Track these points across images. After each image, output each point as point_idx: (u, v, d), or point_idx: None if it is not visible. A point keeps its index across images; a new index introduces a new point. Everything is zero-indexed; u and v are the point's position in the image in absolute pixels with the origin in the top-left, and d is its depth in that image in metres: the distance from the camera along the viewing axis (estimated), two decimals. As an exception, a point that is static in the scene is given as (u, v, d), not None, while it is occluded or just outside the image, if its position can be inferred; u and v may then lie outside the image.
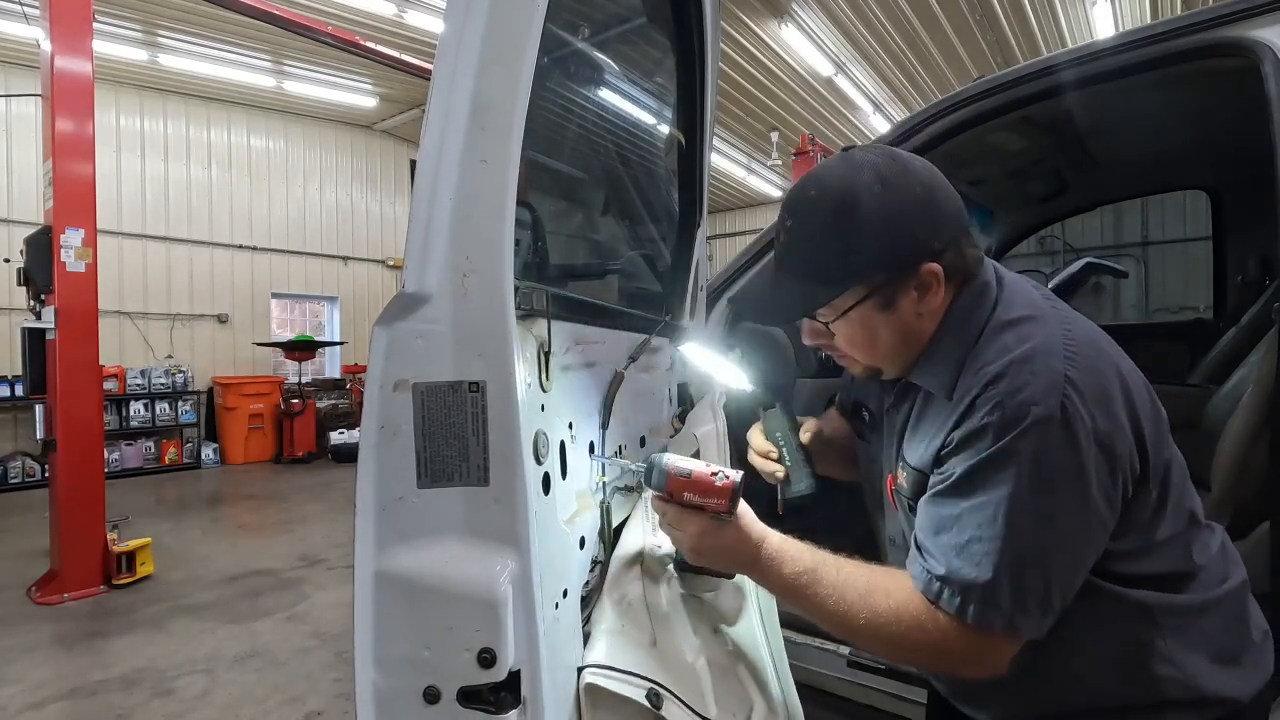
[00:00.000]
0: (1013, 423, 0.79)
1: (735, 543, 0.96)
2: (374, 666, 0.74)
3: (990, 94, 1.77)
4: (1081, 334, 0.86)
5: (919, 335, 0.94)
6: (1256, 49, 1.38)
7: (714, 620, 1.06)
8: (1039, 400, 0.79)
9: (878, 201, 0.86)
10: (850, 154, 0.93)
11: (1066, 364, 0.81)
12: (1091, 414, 0.79)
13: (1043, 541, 0.80)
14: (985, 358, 0.85)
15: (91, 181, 4.28)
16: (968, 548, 0.82)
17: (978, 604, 0.80)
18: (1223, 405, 2.05)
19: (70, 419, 4.17)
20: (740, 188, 13.05)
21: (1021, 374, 0.81)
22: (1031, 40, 7.61)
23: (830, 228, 0.89)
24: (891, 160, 0.90)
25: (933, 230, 0.88)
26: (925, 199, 0.88)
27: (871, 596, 0.88)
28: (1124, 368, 0.87)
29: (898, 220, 0.87)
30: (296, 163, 10.29)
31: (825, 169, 0.93)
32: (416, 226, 0.75)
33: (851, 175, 0.89)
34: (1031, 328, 0.86)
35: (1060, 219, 3.75)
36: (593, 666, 0.87)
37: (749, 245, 2.04)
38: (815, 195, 0.91)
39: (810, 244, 0.91)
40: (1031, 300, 0.91)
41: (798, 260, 0.93)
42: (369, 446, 0.75)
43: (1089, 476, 0.79)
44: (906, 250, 0.88)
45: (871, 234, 0.87)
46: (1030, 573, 0.80)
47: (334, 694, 2.88)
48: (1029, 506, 0.79)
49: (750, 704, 0.95)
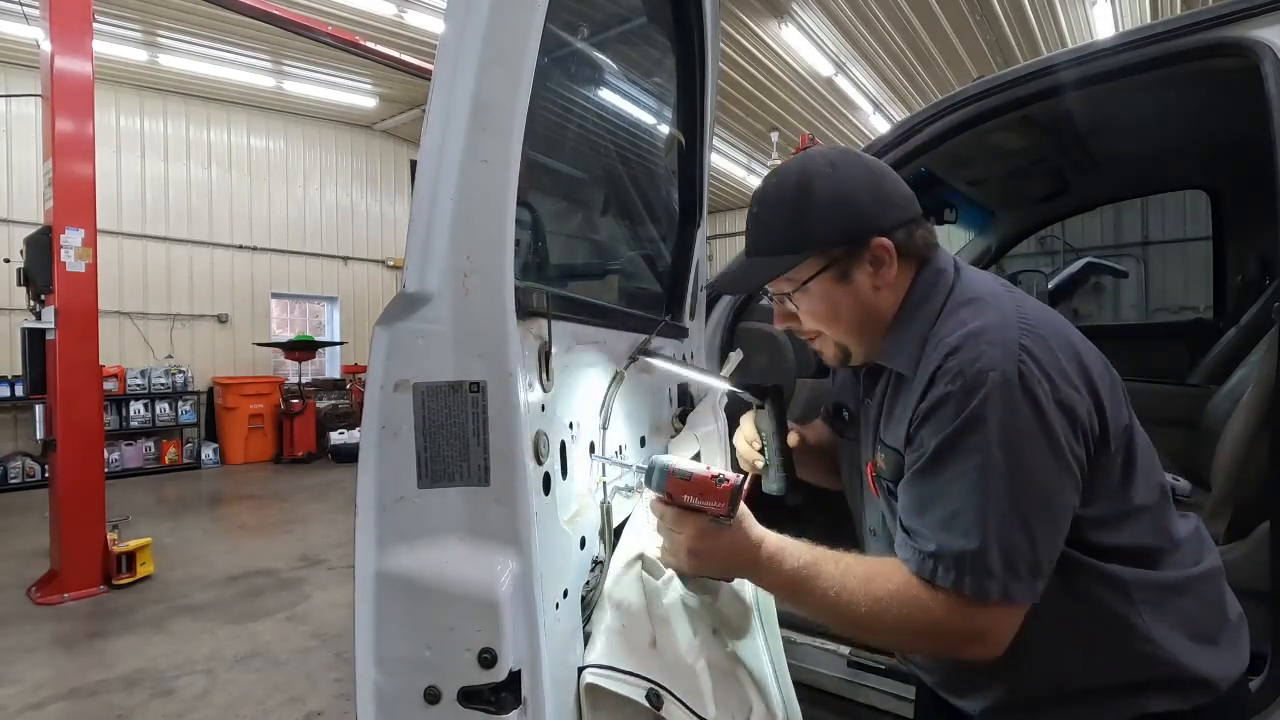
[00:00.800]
0: (973, 389, 0.83)
1: (734, 546, 0.96)
2: (374, 666, 0.74)
3: (990, 94, 1.77)
4: (1034, 310, 0.92)
5: (878, 311, 1.00)
6: (1256, 49, 1.38)
7: (713, 621, 1.07)
8: (996, 366, 0.83)
9: (828, 179, 0.96)
10: (807, 151, 1.04)
11: (1021, 333, 0.86)
12: (1048, 375, 0.83)
13: (1021, 500, 0.82)
14: (944, 332, 0.91)
15: (91, 181, 4.28)
16: (952, 520, 0.84)
17: (972, 575, 0.82)
18: (1223, 405, 2.05)
19: (70, 419, 4.17)
20: (740, 188, 13.05)
21: (978, 344, 0.86)
22: (1031, 40, 7.61)
23: (786, 205, 0.98)
24: (844, 152, 1.01)
25: (882, 208, 0.96)
26: (873, 181, 0.97)
27: (872, 584, 0.88)
28: (1075, 339, 0.92)
29: (847, 196, 0.96)
30: (296, 163, 10.29)
31: (785, 163, 1.05)
32: (417, 226, 0.75)
33: (805, 161, 1.00)
34: (985, 305, 0.92)
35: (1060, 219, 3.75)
36: (593, 667, 0.87)
37: (749, 245, 2.04)
38: (775, 181, 1.01)
39: (770, 223, 1.01)
40: (987, 284, 0.97)
41: (762, 241, 1.02)
42: (369, 446, 0.75)
43: (1055, 433, 0.83)
44: (857, 223, 0.96)
45: (823, 205, 0.95)
46: (1015, 535, 0.82)
47: (334, 694, 2.88)
48: (1002, 469, 0.82)
49: (749, 705, 0.95)
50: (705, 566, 0.99)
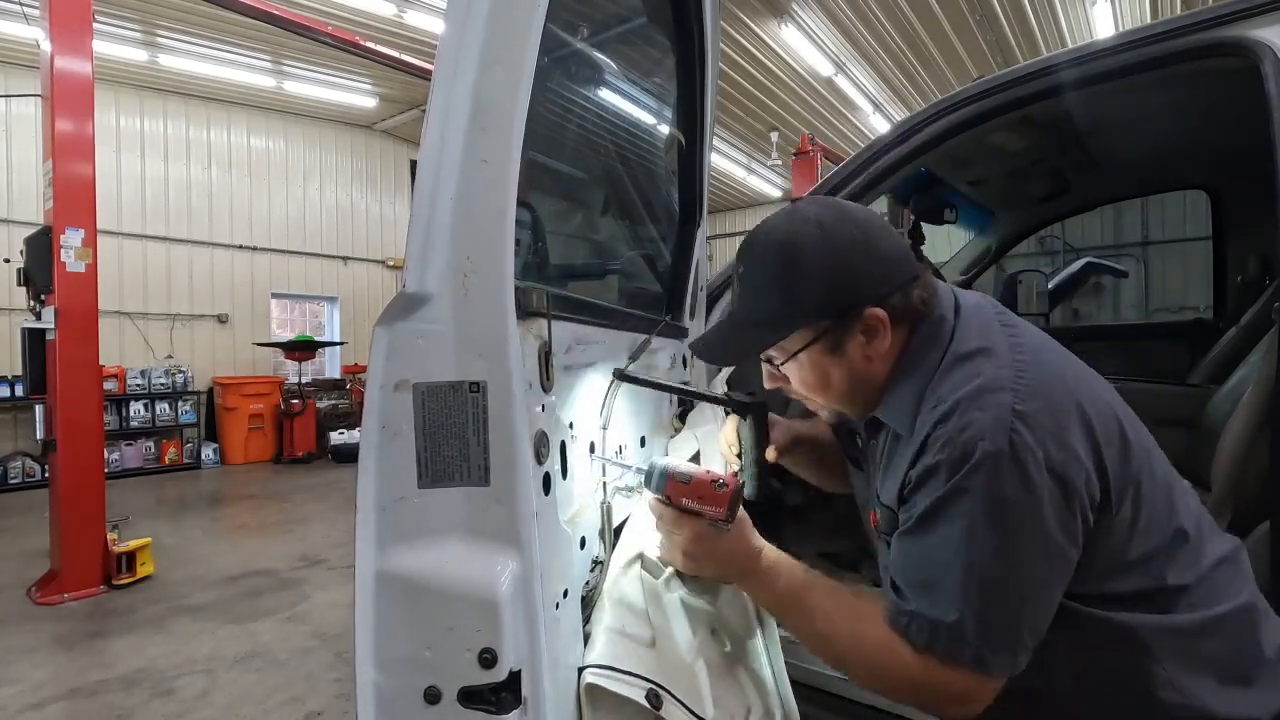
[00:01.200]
0: (961, 460, 0.81)
1: (730, 552, 0.97)
2: (374, 667, 0.74)
3: (990, 94, 1.77)
4: (1035, 364, 0.87)
5: (871, 377, 0.96)
6: (1256, 49, 1.38)
7: (713, 621, 1.06)
8: (985, 436, 0.80)
9: (815, 245, 0.91)
10: (796, 207, 0.98)
11: (1014, 398, 0.82)
12: (1042, 445, 0.80)
13: (1002, 576, 0.80)
14: (938, 394, 0.88)
15: (91, 182, 4.28)
16: (931, 586, 0.83)
17: (945, 640, 0.81)
18: (1223, 405, 2.05)
19: (70, 419, 4.17)
20: (740, 188, 13.05)
21: (969, 411, 0.83)
22: (1031, 40, 7.61)
23: (774, 272, 0.93)
24: (829, 209, 0.95)
25: (875, 276, 0.91)
26: (865, 243, 0.91)
27: (859, 624, 0.89)
28: (1081, 392, 0.87)
29: (837, 266, 0.90)
30: (296, 163, 10.28)
31: (771, 219, 0.98)
32: (417, 227, 0.75)
33: (792, 224, 0.94)
34: (982, 363, 0.87)
35: (1060, 219, 3.75)
36: (593, 667, 0.87)
37: (749, 245, 2.04)
38: (761, 240, 0.96)
39: (757, 289, 0.96)
40: (987, 331, 0.92)
41: (748, 305, 0.98)
42: (370, 447, 0.75)
43: (1043, 509, 0.80)
44: (848, 295, 0.91)
45: (811, 274, 0.91)
46: (994, 609, 0.81)
47: (334, 694, 2.87)
48: (985, 543, 0.80)
49: (748, 705, 0.95)
50: (700, 569, 1.00)
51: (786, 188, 12.37)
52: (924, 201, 2.97)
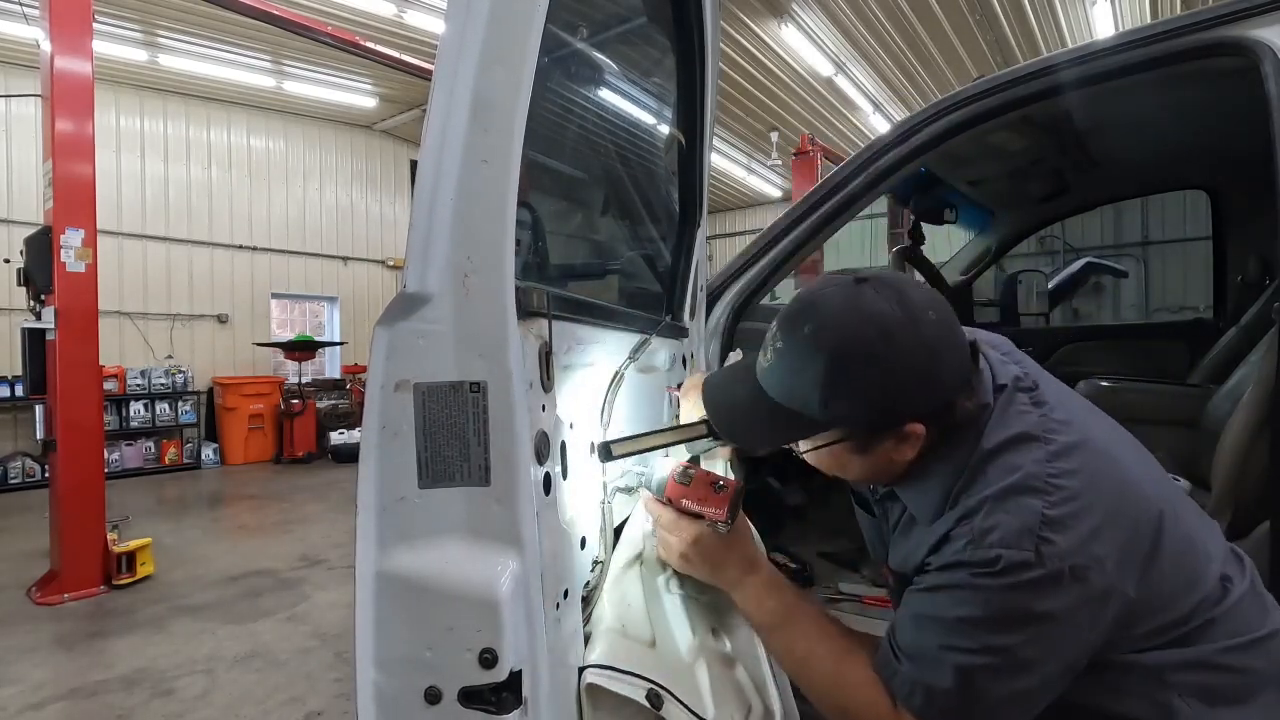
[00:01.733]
0: (985, 564, 0.78)
1: (727, 559, 0.97)
2: (375, 667, 0.74)
3: (990, 94, 1.77)
4: (1070, 455, 0.83)
5: (891, 470, 0.92)
6: (1256, 49, 1.38)
7: (713, 621, 1.07)
8: (1012, 544, 0.78)
9: (875, 364, 0.81)
10: (861, 291, 0.83)
11: (1044, 503, 0.79)
12: (1070, 555, 0.77)
13: (997, 667, 0.79)
14: (968, 490, 0.85)
15: (91, 182, 4.27)
16: (928, 651, 0.83)
17: (924, 699, 0.82)
18: (1223, 405, 2.05)
19: (70, 419, 4.16)
20: (740, 188, 13.05)
21: (995, 513, 0.80)
22: (1031, 40, 7.61)
23: (818, 373, 0.82)
24: (902, 314, 0.81)
25: (927, 397, 0.84)
26: (927, 367, 0.82)
27: (843, 662, 0.89)
28: (1124, 482, 0.84)
29: (890, 388, 0.82)
30: (296, 163, 10.28)
31: (829, 302, 0.84)
32: (417, 226, 0.75)
33: (854, 325, 0.81)
34: (1015, 457, 0.83)
35: (1060, 219, 3.76)
36: (593, 666, 0.87)
37: (749, 245, 2.04)
38: (809, 333, 0.83)
39: (794, 379, 0.85)
40: (1023, 417, 0.87)
41: (779, 388, 0.88)
42: (370, 447, 0.75)
43: (1058, 620, 0.78)
44: (893, 414, 0.84)
45: (859, 396, 0.83)
46: (981, 691, 0.80)
47: (334, 694, 2.87)
48: (988, 637, 0.79)
49: (748, 705, 0.95)
50: (696, 571, 1.00)
51: (786, 188, 12.37)
52: (924, 201, 2.98)
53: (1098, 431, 0.89)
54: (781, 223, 1.98)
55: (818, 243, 1.99)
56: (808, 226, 1.94)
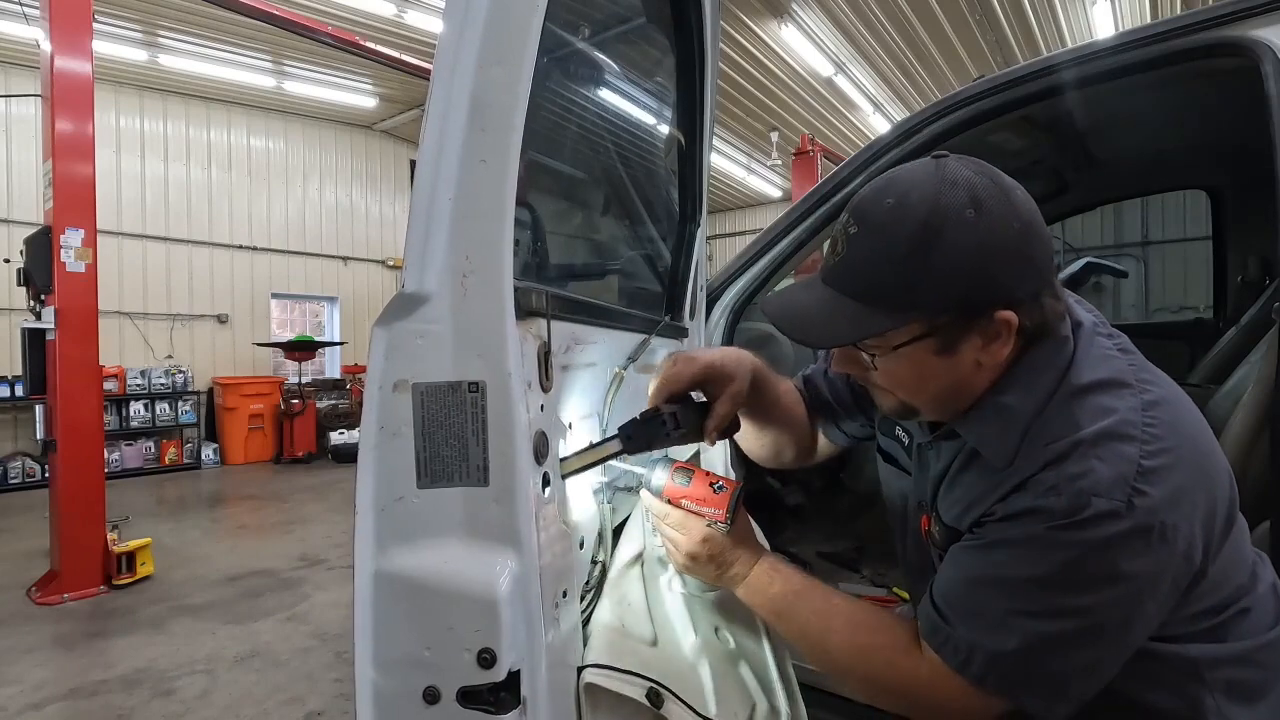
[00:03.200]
0: (1069, 512, 0.72)
1: (732, 558, 0.96)
2: (374, 667, 0.74)
3: (990, 94, 1.77)
4: (1163, 407, 0.78)
5: (973, 386, 0.83)
6: (1256, 49, 1.38)
7: (716, 620, 1.06)
8: (1103, 492, 0.71)
9: (967, 231, 0.73)
10: (944, 163, 0.77)
11: (1141, 451, 0.73)
12: (1162, 510, 0.72)
13: (1071, 634, 0.74)
14: (1052, 431, 0.77)
15: (91, 182, 4.28)
16: (990, 615, 0.77)
17: (980, 665, 0.77)
18: (1223, 405, 2.04)
19: (70, 419, 4.17)
20: (740, 188, 13.05)
21: (1088, 458, 0.73)
22: (1031, 40, 7.61)
23: (903, 249, 0.74)
24: (992, 184, 0.75)
25: (1019, 276, 0.76)
26: (1021, 239, 0.74)
27: (857, 630, 0.88)
28: (1207, 445, 0.80)
29: (985, 258, 0.73)
30: (296, 163, 10.28)
31: (910, 175, 0.78)
32: (416, 226, 0.75)
33: (943, 192, 0.74)
34: (1108, 400, 0.77)
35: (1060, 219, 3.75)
36: (592, 666, 0.87)
37: (749, 245, 2.04)
38: (892, 205, 0.76)
39: (874, 262, 0.77)
40: (1110, 360, 0.81)
41: (855, 277, 0.79)
42: (369, 447, 0.75)
43: (1142, 585, 0.73)
44: (985, 293, 0.75)
45: (950, 268, 0.73)
46: (1051, 658, 0.75)
47: (334, 694, 2.87)
48: (1065, 598, 0.74)
49: (752, 703, 0.95)
50: (699, 571, 0.99)
51: (786, 188, 12.37)
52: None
53: (1180, 393, 0.84)
54: (781, 223, 1.98)
55: (818, 243, 1.99)
56: (808, 226, 1.94)
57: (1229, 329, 2.76)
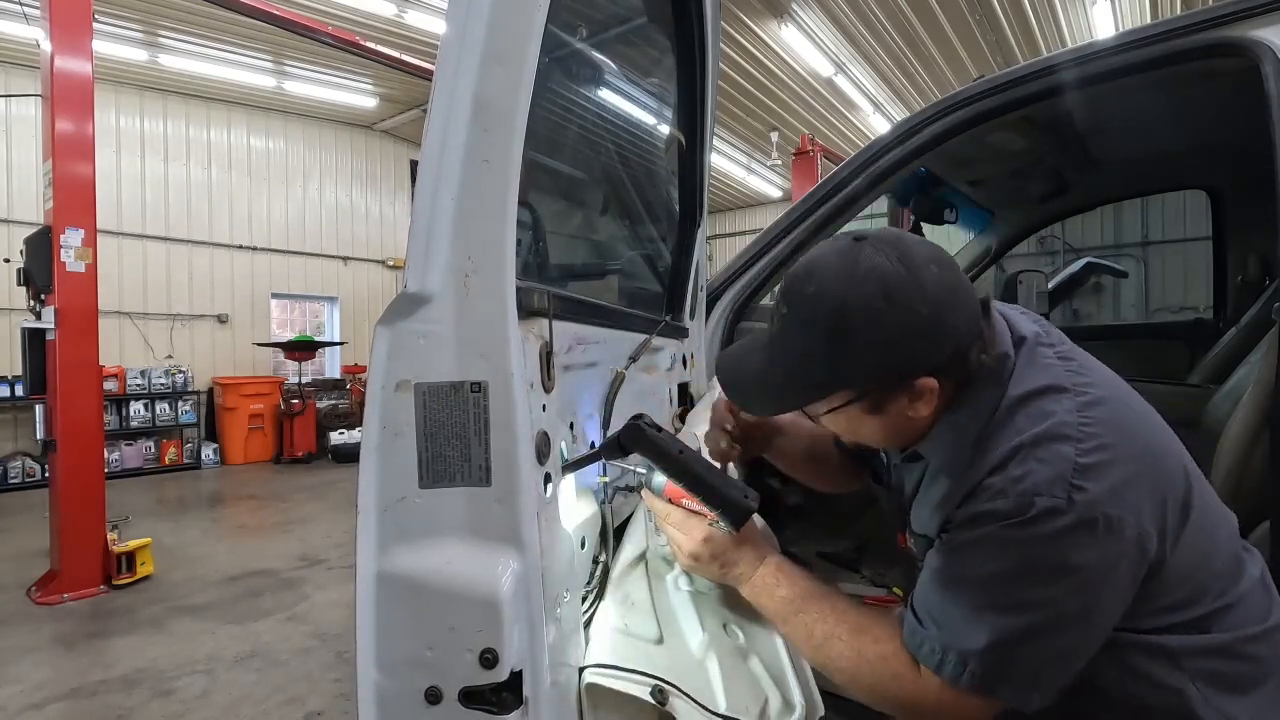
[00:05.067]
0: (1016, 512, 0.77)
1: (736, 556, 0.96)
2: (375, 667, 0.75)
3: (990, 94, 1.77)
4: (1101, 406, 0.82)
5: (915, 426, 0.90)
6: (1256, 49, 1.38)
7: (725, 616, 1.06)
8: (1044, 491, 0.76)
9: (876, 320, 0.79)
10: (859, 250, 0.82)
11: (1076, 450, 0.78)
12: (1102, 502, 0.76)
13: (1034, 625, 0.78)
14: (996, 438, 0.83)
15: (91, 181, 4.27)
16: (958, 614, 0.81)
17: (956, 664, 0.81)
18: (1223, 405, 2.04)
19: (70, 419, 4.16)
20: (740, 188, 13.05)
21: (1028, 461, 0.79)
22: (1031, 40, 7.61)
23: (821, 336, 0.82)
24: (902, 269, 0.79)
25: (934, 349, 0.81)
26: (932, 320, 0.80)
27: (862, 637, 0.89)
28: (1152, 439, 0.84)
29: (894, 342, 0.80)
30: (296, 163, 10.28)
31: (827, 263, 0.83)
32: (418, 227, 0.75)
33: (853, 283, 0.80)
34: (1047, 404, 0.82)
35: (1060, 219, 3.75)
36: (594, 666, 0.87)
37: (749, 245, 2.04)
38: (812, 293, 0.82)
39: (799, 344, 0.85)
40: (1049, 369, 0.86)
41: (784, 354, 0.87)
42: (371, 447, 0.76)
43: (1092, 571, 0.77)
44: (902, 369, 0.83)
45: (864, 353, 0.81)
46: (1019, 650, 0.79)
47: (334, 694, 2.87)
48: (1023, 591, 0.78)
49: (764, 697, 0.94)
50: (705, 570, 0.99)
51: (786, 188, 12.37)
52: (924, 201, 2.97)
53: (1124, 391, 0.89)
54: (781, 223, 1.98)
55: (817, 243, 1.99)
56: (808, 226, 1.94)
57: (1229, 329, 2.76)
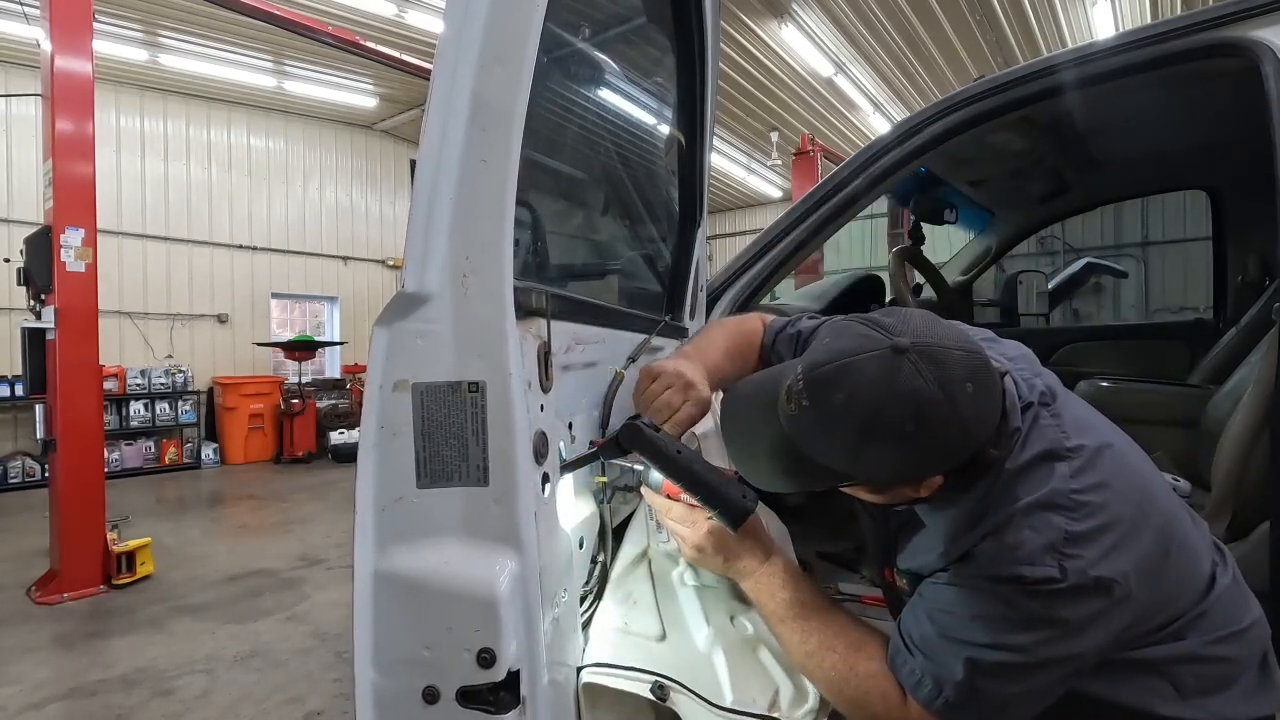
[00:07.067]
0: (1007, 580, 0.81)
1: (740, 550, 0.97)
2: (374, 667, 0.75)
3: (990, 94, 1.77)
4: (1091, 470, 0.85)
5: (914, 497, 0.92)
6: (1256, 49, 1.38)
7: (731, 608, 1.06)
8: (1036, 560, 0.80)
9: (903, 440, 0.77)
10: (899, 366, 0.77)
11: (1068, 518, 0.81)
12: (1093, 567, 0.79)
13: (1013, 664, 0.82)
14: (996, 505, 0.85)
15: (91, 181, 4.27)
16: (941, 646, 0.85)
17: (933, 689, 0.84)
18: (1223, 405, 2.04)
19: (70, 419, 4.16)
20: (740, 188, 13.05)
21: (1022, 528, 0.82)
22: (1031, 40, 7.61)
23: (843, 443, 0.80)
24: (939, 394, 0.76)
25: (951, 458, 0.82)
26: (958, 439, 0.79)
27: (856, 654, 0.91)
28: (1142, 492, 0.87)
29: (917, 461, 0.81)
30: (296, 163, 10.28)
31: (866, 372, 0.78)
32: (416, 226, 0.75)
33: (886, 403, 0.76)
34: (1042, 472, 0.85)
35: (1060, 219, 3.75)
36: (591, 665, 0.87)
37: (749, 245, 2.04)
38: (842, 401, 0.78)
39: (819, 441, 0.83)
40: (1045, 433, 0.88)
41: (800, 441, 0.85)
42: (369, 446, 0.75)
43: (1076, 625, 0.80)
44: (915, 476, 0.85)
45: (882, 462, 0.81)
46: (993, 684, 0.82)
47: (334, 694, 2.87)
48: (1007, 635, 0.81)
49: (775, 686, 0.94)
50: (707, 564, 1.00)
51: (786, 188, 12.37)
52: (924, 201, 2.97)
53: (1112, 438, 0.91)
54: (781, 223, 1.98)
55: (818, 243, 1.99)
56: (808, 227, 1.94)
57: (1229, 329, 2.76)
